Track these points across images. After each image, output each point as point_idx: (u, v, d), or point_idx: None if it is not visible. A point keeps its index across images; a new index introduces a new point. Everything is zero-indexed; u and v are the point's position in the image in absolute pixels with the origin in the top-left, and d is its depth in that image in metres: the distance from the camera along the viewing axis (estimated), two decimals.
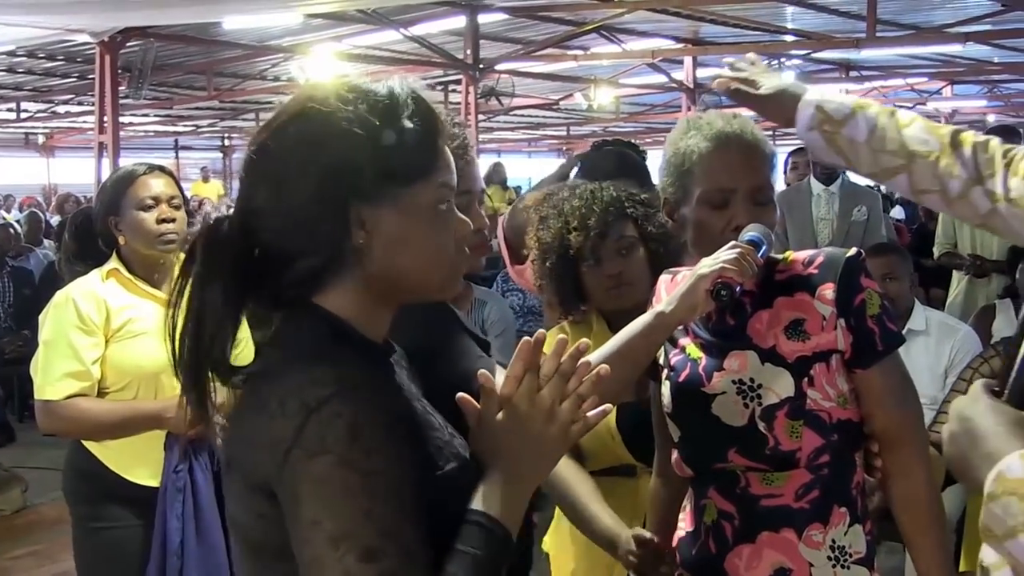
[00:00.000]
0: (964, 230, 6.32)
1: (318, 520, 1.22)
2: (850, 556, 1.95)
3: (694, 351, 2.05)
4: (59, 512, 4.99)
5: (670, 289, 2.07)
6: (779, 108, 1.98)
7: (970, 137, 1.86)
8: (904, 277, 3.70)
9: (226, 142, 24.49)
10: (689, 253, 2.08)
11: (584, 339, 1.46)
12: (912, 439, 1.97)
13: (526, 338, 1.42)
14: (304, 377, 1.28)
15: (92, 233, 3.11)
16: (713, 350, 2.01)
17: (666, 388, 2.06)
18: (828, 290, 1.93)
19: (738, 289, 1.81)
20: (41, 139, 21.53)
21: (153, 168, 3.12)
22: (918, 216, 10.69)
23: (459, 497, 1.34)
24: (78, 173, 19.76)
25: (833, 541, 1.94)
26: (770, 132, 12.67)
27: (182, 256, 2.56)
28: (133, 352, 2.98)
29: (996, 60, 15.17)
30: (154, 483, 2.99)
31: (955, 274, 6.44)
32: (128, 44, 9.34)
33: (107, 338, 2.98)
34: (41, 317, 3.07)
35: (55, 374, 2.92)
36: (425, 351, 1.65)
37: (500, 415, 1.39)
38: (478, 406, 1.41)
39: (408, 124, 1.32)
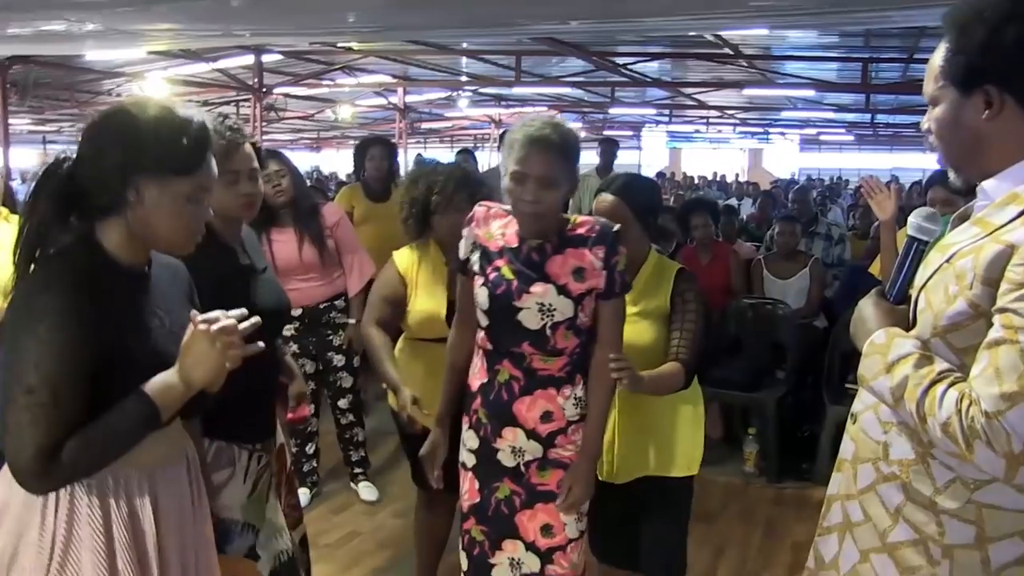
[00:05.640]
0: (584, 202, 6.42)
1: (12, 366, 1.47)
2: (583, 399, 2.28)
3: (508, 273, 2.22)
4: None
5: (482, 216, 2.30)
6: None
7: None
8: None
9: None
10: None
11: (242, 310, 1.62)
12: (616, 341, 2.27)
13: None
14: (42, 280, 1.52)
15: None
16: (522, 277, 2.20)
17: (484, 293, 2.23)
18: (600, 250, 2.19)
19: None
20: None
21: None
22: None
23: (141, 377, 1.56)
24: None
25: (575, 395, 2.26)
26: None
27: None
28: None
29: (586, 99, 17.12)
30: None
31: None
32: (15, 67, 9.77)
33: None
34: None
35: None
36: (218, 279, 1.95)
37: (186, 338, 1.58)
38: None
39: (184, 140, 1.57)
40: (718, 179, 21.95)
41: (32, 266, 1.56)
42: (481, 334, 2.29)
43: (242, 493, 2.21)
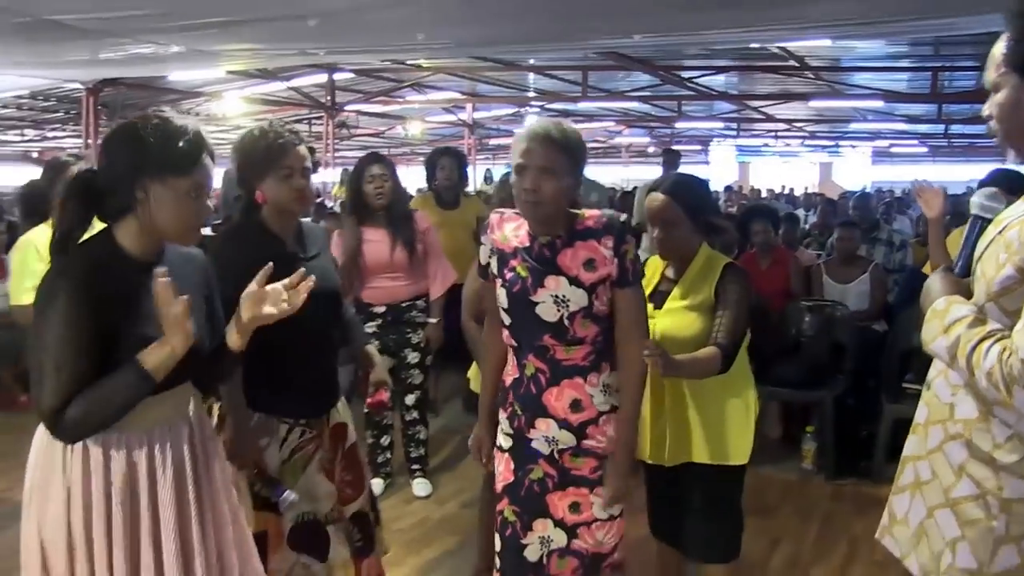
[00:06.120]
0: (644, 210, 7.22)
1: (35, 336, 1.74)
2: (611, 387, 2.31)
3: (522, 271, 2.28)
4: None
5: (496, 222, 2.38)
6: None
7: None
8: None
9: None
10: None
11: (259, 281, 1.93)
12: (637, 330, 2.29)
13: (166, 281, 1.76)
14: (61, 267, 1.79)
15: (37, 205, 3.57)
16: (535, 273, 2.26)
17: (503, 293, 2.31)
18: (609, 240, 2.23)
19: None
20: (35, 154, 21.64)
21: (78, 160, 3.44)
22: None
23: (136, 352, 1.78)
24: None
25: (603, 382, 2.29)
26: None
27: None
28: None
29: (653, 113, 17.30)
30: None
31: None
32: (105, 90, 10.07)
33: None
34: (9, 255, 3.34)
35: (22, 288, 3.24)
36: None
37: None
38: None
39: (181, 144, 1.82)
40: (786, 192, 21.75)
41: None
42: (505, 332, 2.35)
43: (277, 459, 2.48)
